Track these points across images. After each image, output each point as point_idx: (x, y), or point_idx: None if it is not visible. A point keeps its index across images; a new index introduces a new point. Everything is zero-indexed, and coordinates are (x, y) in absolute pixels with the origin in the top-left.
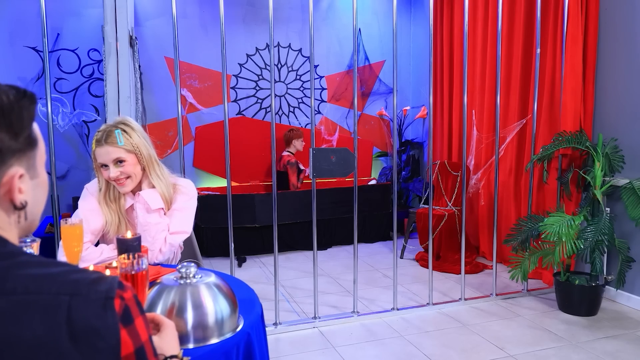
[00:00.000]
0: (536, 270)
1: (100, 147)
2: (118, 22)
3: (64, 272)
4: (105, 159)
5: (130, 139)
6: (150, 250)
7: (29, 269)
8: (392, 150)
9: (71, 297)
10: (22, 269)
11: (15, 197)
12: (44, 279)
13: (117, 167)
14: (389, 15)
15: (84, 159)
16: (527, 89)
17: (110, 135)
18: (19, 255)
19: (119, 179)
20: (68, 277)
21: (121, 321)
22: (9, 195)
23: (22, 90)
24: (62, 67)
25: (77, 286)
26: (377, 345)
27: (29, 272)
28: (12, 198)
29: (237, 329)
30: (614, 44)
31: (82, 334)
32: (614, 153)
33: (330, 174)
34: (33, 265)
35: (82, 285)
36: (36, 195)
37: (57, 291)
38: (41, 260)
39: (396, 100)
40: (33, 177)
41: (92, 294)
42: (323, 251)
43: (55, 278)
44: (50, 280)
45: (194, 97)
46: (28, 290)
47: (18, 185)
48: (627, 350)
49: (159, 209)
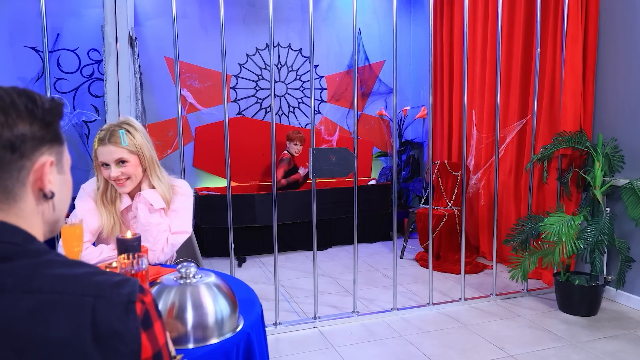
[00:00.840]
0: (536, 270)
1: (103, 146)
2: (118, 22)
3: (88, 273)
4: (107, 158)
5: (133, 139)
6: (152, 250)
7: (54, 269)
8: (392, 150)
9: (95, 299)
10: (49, 268)
11: (45, 185)
12: (69, 280)
13: (118, 167)
14: (389, 15)
15: (84, 159)
16: (527, 89)
17: (114, 135)
18: (44, 253)
19: (119, 179)
20: (92, 278)
21: (142, 325)
22: (39, 182)
23: (51, 96)
24: (62, 67)
25: (100, 288)
26: (377, 345)
27: (55, 271)
28: (42, 185)
29: (237, 329)
30: (614, 44)
31: (105, 337)
32: (614, 153)
33: (330, 174)
34: (59, 265)
35: (105, 288)
36: (62, 191)
37: (81, 292)
38: (65, 260)
39: (396, 100)
40: (60, 173)
41: (115, 297)
42: (323, 251)
43: (80, 279)
44: (74, 281)
45: (194, 97)
46: (54, 289)
47: (48, 174)
48: (627, 350)
49: (161, 209)
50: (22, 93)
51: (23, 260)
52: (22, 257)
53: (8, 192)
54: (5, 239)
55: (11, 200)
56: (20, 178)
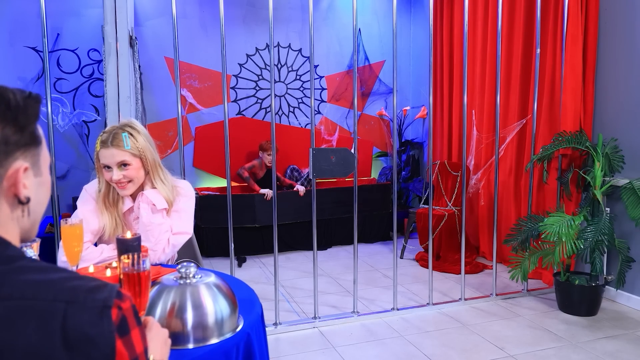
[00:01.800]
0: (536, 270)
1: (105, 148)
2: (118, 22)
3: (63, 278)
4: (109, 161)
5: (136, 142)
6: (152, 250)
7: (27, 275)
8: (392, 150)
9: (67, 304)
10: (20, 274)
11: (20, 191)
12: (41, 285)
13: (120, 170)
14: (389, 15)
15: (84, 159)
16: (527, 89)
17: (116, 138)
18: (18, 259)
19: (121, 182)
20: (66, 284)
21: (117, 331)
22: (13, 189)
23: (28, 92)
24: (62, 67)
25: (74, 293)
26: (377, 345)
27: (27, 277)
28: (16, 192)
29: (237, 329)
30: (614, 44)
31: (76, 343)
32: (614, 153)
33: (330, 174)
34: (31, 271)
35: (79, 293)
36: (39, 194)
37: (53, 298)
38: (40, 265)
39: (396, 100)
40: (37, 175)
41: (89, 302)
42: (323, 251)
43: (53, 284)
44: (47, 287)
45: (194, 97)
46: (24, 296)
47: (23, 179)
48: (627, 350)
49: (163, 210)
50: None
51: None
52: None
53: None
54: None
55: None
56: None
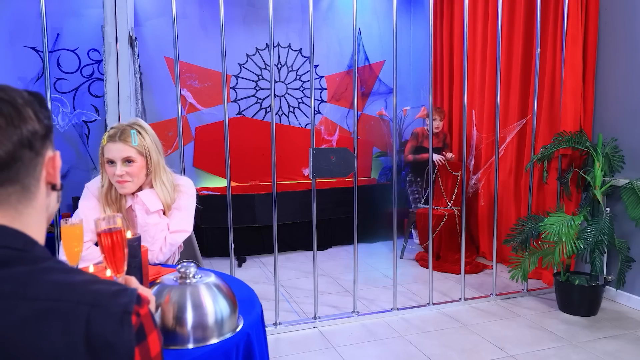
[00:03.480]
0: (536, 270)
1: (113, 142)
2: (118, 22)
3: (86, 281)
4: (115, 155)
5: (143, 141)
6: (150, 250)
7: (52, 275)
8: (392, 150)
9: (91, 308)
10: (46, 275)
11: (56, 178)
12: (66, 287)
13: (124, 166)
14: (389, 15)
15: (84, 159)
16: (527, 89)
17: (125, 133)
18: (44, 260)
19: (123, 178)
20: (90, 287)
21: (135, 339)
22: (49, 177)
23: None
24: (62, 67)
25: (98, 297)
26: (377, 345)
27: (52, 278)
28: (53, 179)
29: (237, 329)
30: (614, 44)
31: (98, 349)
32: (614, 153)
33: (330, 174)
34: (56, 272)
35: (102, 297)
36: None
37: (77, 300)
38: (64, 267)
39: (396, 100)
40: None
41: (111, 307)
42: (323, 251)
43: (77, 287)
44: (71, 289)
45: (194, 97)
46: (50, 296)
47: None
48: (627, 350)
49: (159, 210)
50: (22, 91)
51: (21, 266)
52: (21, 263)
53: (26, 191)
54: (6, 243)
55: (27, 200)
56: (35, 175)
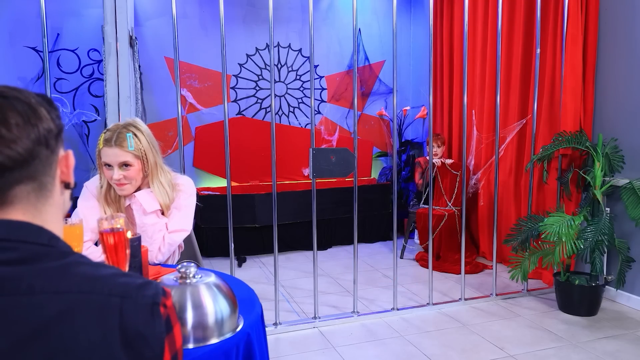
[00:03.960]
0: (536, 270)
1: (109, 147)
2: (118, 22)
3: (113, 274)
4: (111, 160)
5: (139, 143)
6: (149, 250)
7: (81, 269)
8: (392, 150)
9: (122, 300)
10: (75, 268)
11: (70, 176)
12: (96, 280)
13: (121, 170)
14: (389, 15)
15: (83, 159)
16: (527, 89)
17: (120, 137)
18: (69, 254)
19: (120, 181)
20: (117, 279)
21: (165, 330)
22: (63, 175)
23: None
24: (62, 67)
25: (126, 289)
26: (377, 345)
27: (82, 271)
28: (66, 178)
29: (237, 329)
30: (614, 44)
31: (132, 340)
32: (614, 153)
33: (330, 174)
34: (84, 265)
35: (131, 289)
36: None
37: (109, 292)
38: (89, 261)
39: (396, 100)
40: None
41: (140, 299)
42: (323, 251)
43: (107, 279)
44: (102, 281)
45: (194, 97)
46: (82, 289)
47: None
48: (627, 350)
49: (156, 210)
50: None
51: (50, 261)
52: (50, 258)
53: (43, 189)
54: (32, 239)
55: (44, 198)
56: (51, 173)
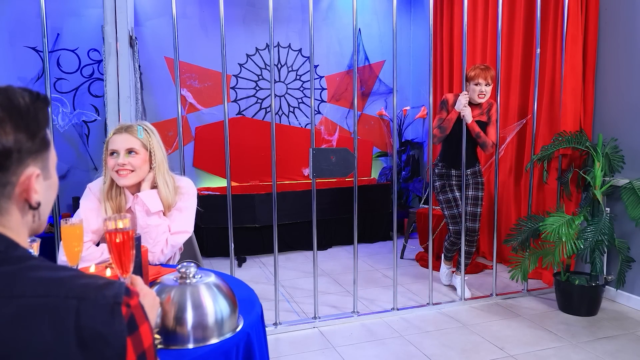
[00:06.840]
0: (536, 270)
1: (119, 134)
2: (118, 22)
3: (72, 276)
4: (119, 145)
5: (149, 137)
6: (151, 252)
7: (37, 272)
8: (392, 150)
9: (79, 301)
10: (31, 272)
11: (32, 197)
12: (53, 283)
13: (127, 157)
14: (389, 15)
15: (84, 159)
16: (527, 89)
17: (131, 127)
18: (28, 259)
19: (124, 167)
20: (76, 281)
21: (127, 329)
22: (25, 194)
23: (36, 92)
24: (62, 67)
25: (85, 290)
26: (377, 345)
27: (38, 275)
28: (28, 198)
29: (237, 329)
30: (614, 44)
31: (90, 341)
32: (614, 153)
33: (330, 174)
34: (42, 269)
35: (90, 290)
36: (47, 196)
37: (65, 295)
38: (49, 264)
39: (396, 100)
40: (46, 178)
41: (100, 299)
42: (323, 251)
43: (64, 282)
44: (58, 284)
45: (194, 97)
46: (37, 293)
47: (34, 185)
48: (627, 350)
49: (159, 211)
50: (4, 102)
51: (5, 266)
52: (4, 263)
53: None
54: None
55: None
56: (5, 193)
